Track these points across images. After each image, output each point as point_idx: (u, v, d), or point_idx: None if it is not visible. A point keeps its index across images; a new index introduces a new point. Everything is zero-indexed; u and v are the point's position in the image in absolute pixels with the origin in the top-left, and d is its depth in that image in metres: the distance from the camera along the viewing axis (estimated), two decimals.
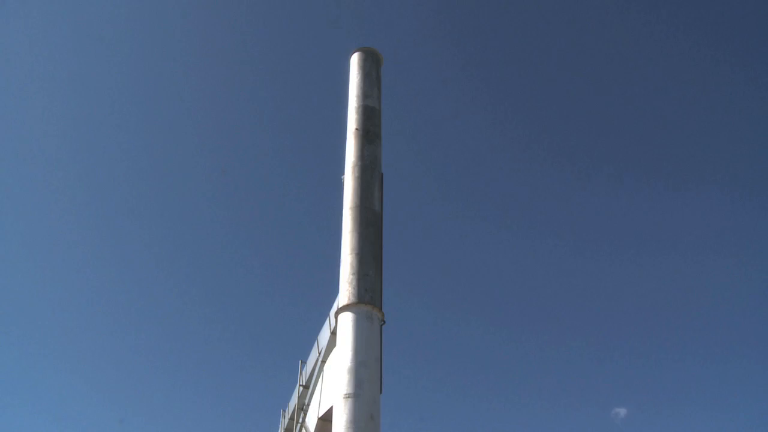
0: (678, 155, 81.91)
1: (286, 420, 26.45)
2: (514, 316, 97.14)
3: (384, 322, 21.34)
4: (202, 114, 79.69)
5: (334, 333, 21.14)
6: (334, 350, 20.83)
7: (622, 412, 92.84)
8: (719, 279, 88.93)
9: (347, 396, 19.01)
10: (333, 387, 20.07)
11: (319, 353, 22.85)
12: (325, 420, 20.42)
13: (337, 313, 21.09)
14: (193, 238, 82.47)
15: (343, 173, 20.87)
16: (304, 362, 25.17)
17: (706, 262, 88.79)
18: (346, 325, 20.35)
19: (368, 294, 20.90)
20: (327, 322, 22.36)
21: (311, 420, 22.25)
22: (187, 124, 79.03)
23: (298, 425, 23.64)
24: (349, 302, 20.79)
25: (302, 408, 23.92)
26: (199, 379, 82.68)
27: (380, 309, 21.10)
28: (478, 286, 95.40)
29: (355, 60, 21.65)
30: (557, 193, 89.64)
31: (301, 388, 24.56)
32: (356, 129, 20.14)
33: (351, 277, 21.11)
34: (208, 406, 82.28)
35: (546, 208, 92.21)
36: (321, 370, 22.44)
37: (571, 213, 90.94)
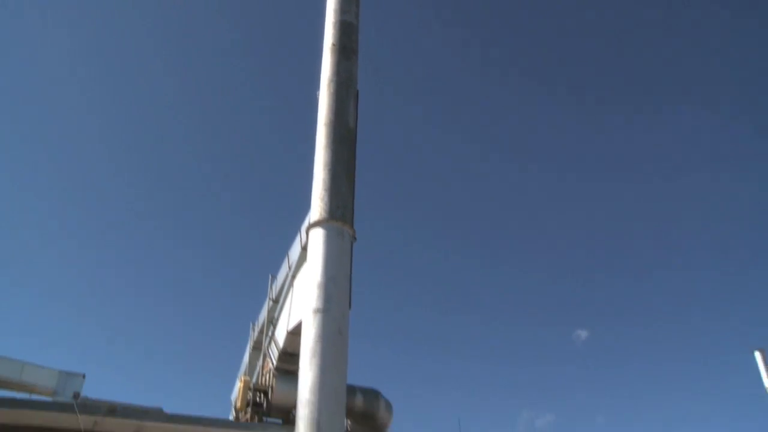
0: (647, 80, 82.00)
1: (256, 333, 26.76)
2: (482, 236, 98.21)
3: (355, 238, 21.42)
4: (176, 29, 77.69)
5: (304, 249, 21.16)
6: (305, 266, 20.90)
7: (583, 334, 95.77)
8: (683, 200, 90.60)
9: (316, 311, 19.19)
10: (302, 302, 20.25)
11: (290, 268, 22.95)
12: (294, 334, 20.67)
13: (308, 229, 21.06)
14: (168, 150, 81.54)
15: (318, 89, 20.48)
16: (274, 277, 25.31)
17: (672, 183, 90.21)
18: (316, 241, 20.38)
19: (340, 210, 20.87)
20: (298, 237, 22.38)
21: (280, 333, 22.52)
22: (162, 37, 77.13)
23: (268, 338, 23.92)
24: (321, 218, 20.77)
25: (272, 321, 24.17)
26: (171, 291, 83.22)
27: (351, 226, 21.13)
28: (448, 207, 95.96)
29: None
30: (532, 114, 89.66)
31: (271, 302, 24.76)
32: (333, 44, 19.65)
33: (323, 193, 21.02)
34: (179, 319, 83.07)
35: (519, 129, 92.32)
36: (291, 284, 22.58)
37: (544, 134, 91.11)
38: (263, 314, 25.59)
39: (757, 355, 47.26)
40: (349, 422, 22.25)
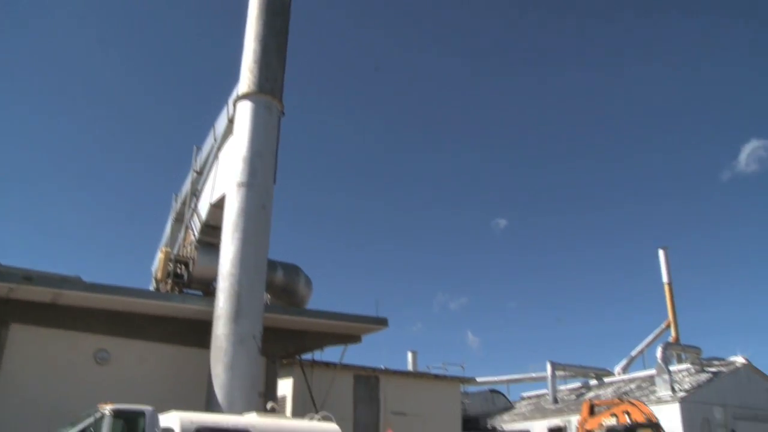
0: None
1: (178, 204, 26.41)
2: (411, 121, 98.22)
3: (283, 113, 21.07)
4: None
5: (231, 121, 20.70)
6: (231, 138, 20.52)
7: (502, 222, 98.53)
8: (604, 93, 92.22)
9: (240, 184, 19.04)
10: (227, 174, 20.00)
11: (215, 140, 22.47)
12: (217, 207, 20.50)
13: (235, 101, 20.59)
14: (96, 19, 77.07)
15: None
16: (199, 148, 24.77)
17: (594, 74, 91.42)
18: (244, 113, 19.95)
19: (269, 84, 20.39)
20: (225, 109, 21.80)
21: (203, 206, 22.29)
22: None
23: (190, 210, 23.65)
24: (249, 91, 20.28)
25: (195, 194, 23.83)
26: (91, 160, 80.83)
27: (280, 100, 20.73)
28: (380, 90, 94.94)
29: None
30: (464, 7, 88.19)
31: (195, 174, 24.34)
32: None
33: (253, 65, 20.41)
34: (100, 189, 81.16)
35: (442, 19, 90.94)
36: (216, 157, 22.18)
37: (479, 29, 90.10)
38: (186, 186, 25.20)
39: (661, 252, 49.86)
40: (268, 296, 22.55)
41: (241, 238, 18.38)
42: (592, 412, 23.94)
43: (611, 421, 22.33)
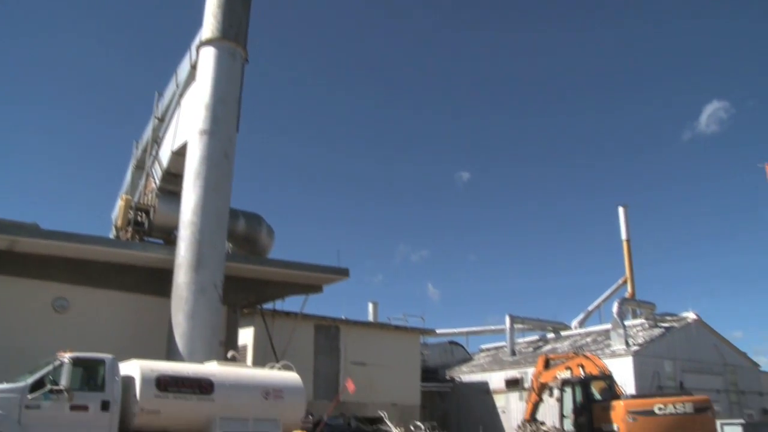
0: None
1: (139, 151, 25.96)
2: (372, 72, 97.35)
3: (247, 61, 20.69)
4: None
5: (194, 67, 20.31)
6: (193, 85, 20.15)
7: (465, 175, 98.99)
8: (568, 45, 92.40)
9: (203, 132, 18.75)
10: (189, 122, 19.68)
11: (177, 86, 22.05)
12: (179, 154, 20.22)
13: (198, 47, 20.16)
14: None
15: None
16: (160, 94, 24.28)
17: (559, 24, 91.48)
18: (207, 59, 19.55)
19: (233, 30, 19.97)
20: (188, 55, 21.34)
21: (164, 153, 21.96)
22: None
23: (151, 158, 23.29)
24: (212, 36, 19.85)
25: (156, 141, 23.45)
26: (51, 101, 78.83)
27: (244, 47, 20.34)
28: (343, 40, 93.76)
29: None
30: None
31: (156, 121, 23.90)
32: None
33: (216, 10, 19.94)
34: (59, 133, 79.39)
35: None
36: (178, 103, 21.79)
37: None
38: (147, 133, 24.75)
39: (621, 210, 50.62)
40: (230, 245, 22.45)
41: (203, 186, 18.19)
42: (547, 365, 24.42)
43: (566, 374, 22.83)
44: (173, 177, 20.98)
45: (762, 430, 24.43)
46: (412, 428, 26.57)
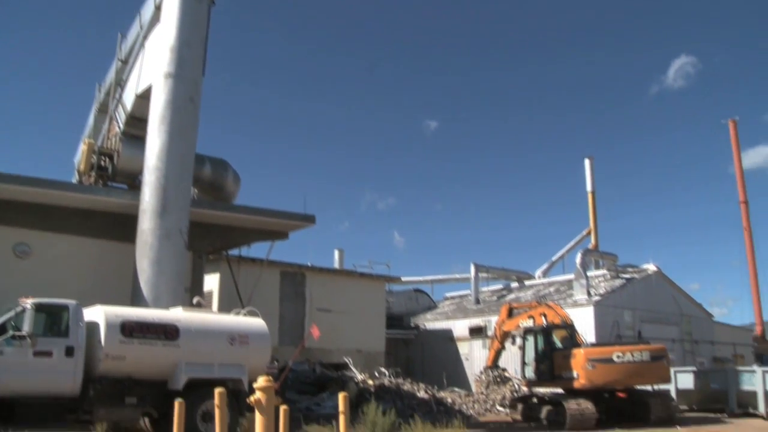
0: None
1: (102, 94, 25.35)
2: (340, 21, 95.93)
3: (213, 2, 20.16)
4: None
5: (158, 8, 19.75)
6: (158, 26, 19.63)
7: (432, 124, 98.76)
8: None
9: (168, 75, 18.35)
10: (153, 64, 19.23)
11: (141, 28, 21.45)
12: (143, 98, 19.79)
13: None
14: None
15: None
16: (124, 36, 23.60)
17: None
18: (172, 0, 19.01)
19: None
20: None
21: (128, 97, 21.50)
22: None
23: (115, 101, 22.77)
24: None
25: (119, 84, 22.90)
26: (12, 42, 76.51)
27: None
28: None
29: None
30: None
31: (120, 63, 23.29)
32: None
33: None
34: (19, 75, 77.25)
35: None
36: (142, 45, 21.24)
37: None
38: (110, 75, 24.13)
39: (586, 161, 51.06)
40: (195, 191, 22.22)
41: (168, 131, 17.88)
42: (510, 314, 24.86)
43: (528, 323, 23.29)
44: (137, 121, 20.56)
45: (711, 377, 25.24)
46: (376, 374, 27.00)
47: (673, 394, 23.89)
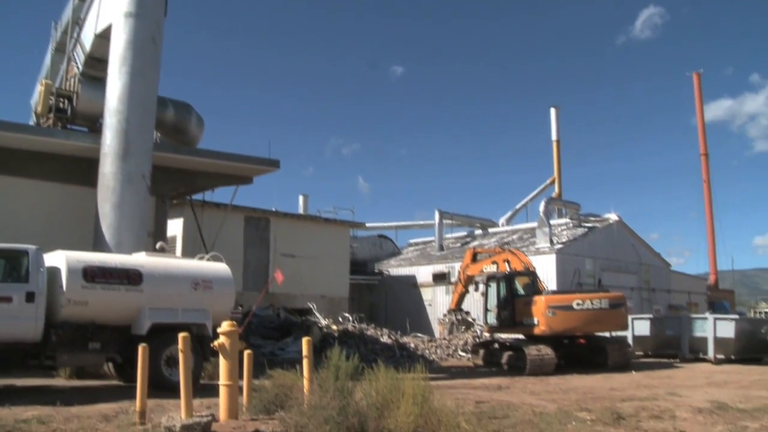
0: None
1: (59, 33, 24.58)
2: None
3: None
4: None
5: None
6: None
7: (399, 70, 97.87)
8: None
9: (128, 15, 17.82)
10: (113, 2, 18.64)
11: None
12: (103, 38, 19.23)
13: None
14: None
15: None
16: None
17: None
18: None
19: None
20: None
21: (87, 36, 20.86)
22: None
23: (73, 40, 22.09)
24: None
25: (77, 22, 22.17)
26: None
27: None
28: None
29: None
30: None
31: (77, 1, 22.55)
32: None
33: None
34: None
35: None
36: None
37: None
38: (67, 13, 23.34)
39: (552, 110, 51.28)
40: (158, 134, 21.85)
41: (129, 73, 17.44)
42: (474, 259, 25.12)
43: (492, 268, 23.56)
44: (97, 62, 19.99)
45: (667, 323, 26.01)
46: (340, 320, 27.23)
47: (630, 340, 24.57)
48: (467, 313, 26.92)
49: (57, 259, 12.43)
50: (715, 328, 23.39)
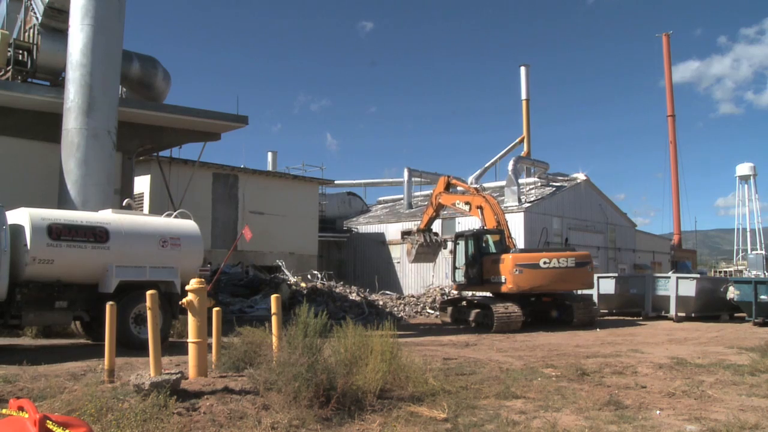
0: None
1: None
2: None
3: None
4: None
5: None
6: None
7: (368, 25, 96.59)
8: None
9: None
10: None
11: None
12: None
13: None
14: None
15: None
16: None
17: None
18: None
19: None
20: None
21: None
22: None
23: None
24: None
25: None
26: None
27: None
28: None
29: None
30: None
31: None
32: None
33: None
34: None
35: None
36: None
37: None
38: None
39: (522, 69, 51.15)
40: (124, 89, 21.41)
41: (92, 25, 16.95)
42: (448, 188, 24.95)
43: (465, 208, 23.37)
44: (57, 12, 19.39)
45: (631, 282, 26.44)
46: (309, 277, 27.30)
47: (596, 298, 24.97)
48: (436, 234, 26.75)
49: (20, 216, 12.20)
50: (677, 286, 23.88)
